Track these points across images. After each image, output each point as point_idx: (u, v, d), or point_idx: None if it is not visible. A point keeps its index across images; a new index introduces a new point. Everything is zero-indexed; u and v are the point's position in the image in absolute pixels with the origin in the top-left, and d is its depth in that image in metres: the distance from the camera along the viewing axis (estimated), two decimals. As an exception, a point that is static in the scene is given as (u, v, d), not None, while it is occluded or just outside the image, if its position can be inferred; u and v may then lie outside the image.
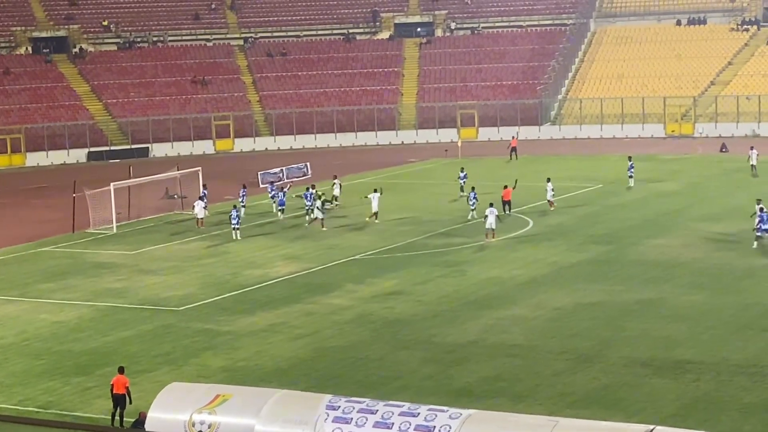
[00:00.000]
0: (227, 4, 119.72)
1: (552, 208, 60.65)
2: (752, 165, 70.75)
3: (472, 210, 58.62)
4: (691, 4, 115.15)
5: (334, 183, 66.27)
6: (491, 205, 53.81)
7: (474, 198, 58.62)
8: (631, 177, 68.15)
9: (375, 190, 60.07)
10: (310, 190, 61.35)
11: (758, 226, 48.37)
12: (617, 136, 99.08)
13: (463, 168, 69.32)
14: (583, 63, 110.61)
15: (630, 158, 69.52)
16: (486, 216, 52.70)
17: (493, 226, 52.56)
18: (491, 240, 52.16)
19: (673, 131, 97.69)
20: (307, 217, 60.47)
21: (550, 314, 39.32)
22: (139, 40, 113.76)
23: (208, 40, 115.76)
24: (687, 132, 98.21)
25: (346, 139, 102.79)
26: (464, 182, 66.41)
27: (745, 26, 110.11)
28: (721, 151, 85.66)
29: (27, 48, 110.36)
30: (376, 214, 59.05)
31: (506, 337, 36.61)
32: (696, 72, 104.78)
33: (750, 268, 45.14)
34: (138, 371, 34.10)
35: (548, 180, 61.95)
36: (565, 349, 34.89)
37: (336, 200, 65.13)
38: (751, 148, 71.59)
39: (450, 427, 20.46)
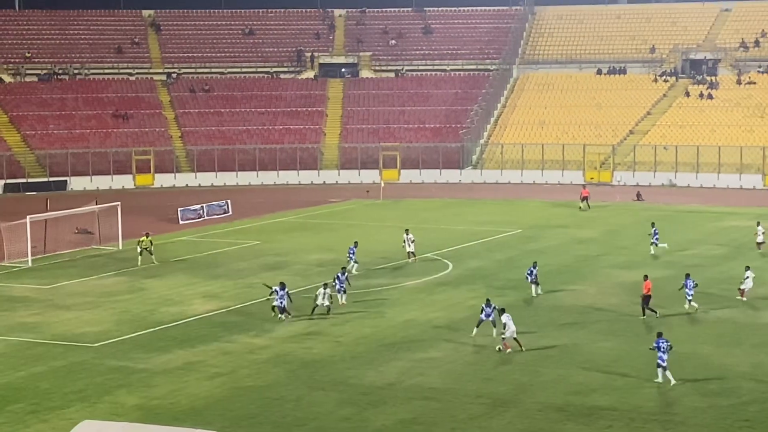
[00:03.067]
0: (149, 38, 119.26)
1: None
2: (759, 242, 61.69)
3: (535, 284, 50.76)
4: (611, 54, 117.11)
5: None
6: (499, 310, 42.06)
7: (533, 273, 50.47)
8: (654, 244, 61.60)
9: (406, 231, 59.81)
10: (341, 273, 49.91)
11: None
12: (537, 182, 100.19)
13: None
14: (505, 108, 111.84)
15: (653, 225, 63.10)
16: (505, 323, 40.40)
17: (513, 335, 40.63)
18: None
19: (591, 178, 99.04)
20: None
21: (467, 358, 39.45)
22: (60, 72, 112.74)
23: (130, 74, 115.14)
24: (605, 180, 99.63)
25: (268, 178, 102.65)
26: None
27: (664, 77, 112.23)
28: (635, 199, 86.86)
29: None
30: (412, 253, 58.85)
31: (423, 380, 36.65)
32: (615, 121, 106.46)
33: (664, 317, 45.67)
34: (50, 408, 33.60)
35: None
36: (482, 393, 35.02)
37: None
38: (758, 224, 62.62)
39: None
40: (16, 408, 33.70)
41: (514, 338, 40.06)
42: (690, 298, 46.59)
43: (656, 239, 61.56)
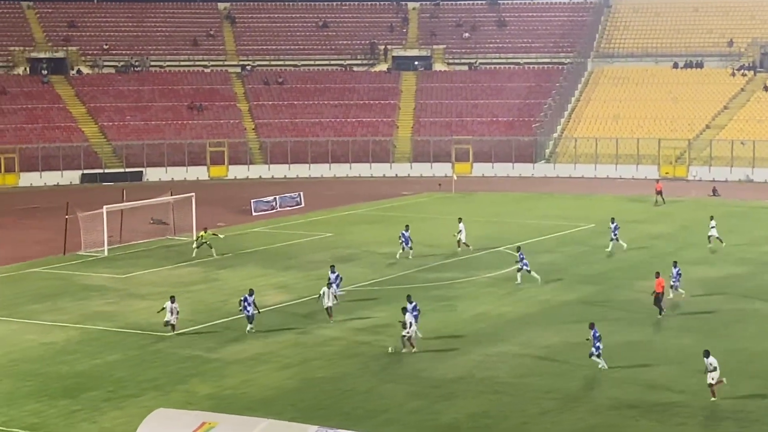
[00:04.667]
0: (225, 31, 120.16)
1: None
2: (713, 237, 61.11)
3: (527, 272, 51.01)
4: (688, 47, 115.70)
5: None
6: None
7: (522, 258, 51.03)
8: (613, 240, 60.04)
9: (459, 220, 60.33)
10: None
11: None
12: (611, 177, 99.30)
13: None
14: (579, 102, 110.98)
15: (613, 220, 61.05)
16: (410, 322, 39.60)
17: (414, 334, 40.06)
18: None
19: (667, 173, 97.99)
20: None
21: (538, 352, 39.32)
22: (137, 63, 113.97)
23: (205, 66, 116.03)
24: (681, 174, 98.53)
25: (341, 170, 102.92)
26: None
27: (742, 71, 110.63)
28: (711, 194, 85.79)
29: (25, 68, 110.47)
30: (465, 243, 59.54)
31: (494, 374, 36.59)
32: (691, 115, 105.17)
33: (739, 313, 45.21)
34: (125, 396, 34.09)
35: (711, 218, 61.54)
36: (553, 388, 34.88)
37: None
38: (711, 218, 62.09)
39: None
40: (92, 395, 34.24)
41: (408, 337, 39.24)
42: (676, 284, 47.32)
43: (615, 235, 59.75)
